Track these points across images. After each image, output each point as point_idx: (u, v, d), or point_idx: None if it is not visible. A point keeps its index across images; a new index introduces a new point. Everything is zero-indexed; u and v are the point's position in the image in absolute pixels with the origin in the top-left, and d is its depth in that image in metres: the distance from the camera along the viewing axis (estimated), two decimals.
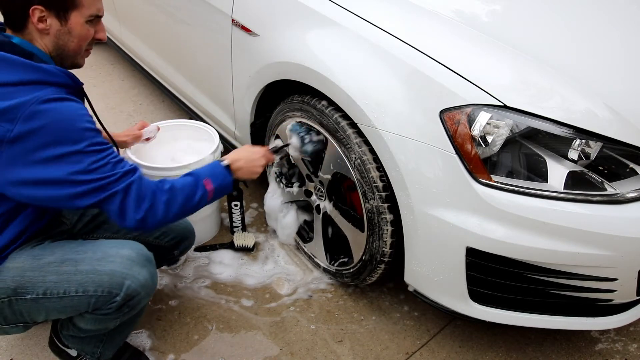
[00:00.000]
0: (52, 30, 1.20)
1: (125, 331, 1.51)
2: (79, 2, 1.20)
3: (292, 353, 1.66)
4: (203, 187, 1.34)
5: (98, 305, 1.27)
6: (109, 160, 1.18)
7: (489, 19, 1.59)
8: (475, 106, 1.29)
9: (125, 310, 1.30)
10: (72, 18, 1.20)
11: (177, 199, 1.28)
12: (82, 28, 1.23)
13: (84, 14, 1.22)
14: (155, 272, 1.36)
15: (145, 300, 1.34)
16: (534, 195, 1.28)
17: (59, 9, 1.18)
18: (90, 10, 1.23)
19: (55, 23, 1.19)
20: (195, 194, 1.31)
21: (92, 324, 1.35)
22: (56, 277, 1.25)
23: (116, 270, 1.25)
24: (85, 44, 1.27)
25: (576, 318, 1.44)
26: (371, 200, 1.52)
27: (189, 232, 1.69)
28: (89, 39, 1.27)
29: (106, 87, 3.27)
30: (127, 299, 1.27)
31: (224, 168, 1.42)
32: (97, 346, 1.48)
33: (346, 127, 1.54)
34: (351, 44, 1.49)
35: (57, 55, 1.24)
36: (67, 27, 1.21)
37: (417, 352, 1.68)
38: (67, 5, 1.19)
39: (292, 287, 1.90)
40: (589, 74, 1.43)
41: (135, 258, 1.29)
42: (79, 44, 1.25)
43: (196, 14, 2.07)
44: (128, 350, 1.59)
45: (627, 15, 1.78)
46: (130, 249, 1.31)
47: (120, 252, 1.29)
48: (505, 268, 1.35)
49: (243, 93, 1.91)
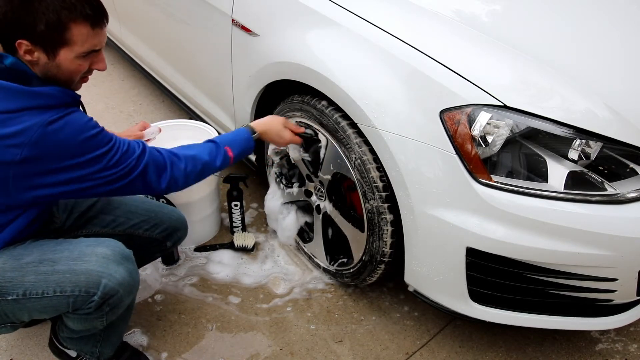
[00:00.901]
0: (41, 62, 1.15)
1: (119, 329, 1.50)
2: (70, 40, 1.13)
3: (292, 353, 1.66)
4: (224, 153, 1.44)
5: (77, 305, 1.25)
6: (121, 153, 1.22)
7: (489, 19, 1.59)
8: (476, 106, 1.29)
9: (107, 309, 1.28)
10: (61, 54, 1.14)
11: (197, 165, 1.38)
12: (72, 63, 1.17)
13: (76, 51, 1.15)
14: (135, 269, 1.33)
15: (127, 297, 1.31)
16: (534, 195, 1.28)
17: (46, 45, 1.12)
18: (83, 47, 1.16)
19: (43, 56, 1.14)
20: (215, 160, 1.42)
21: (79, 324, 1.34)
22: (34, 277, 1.23)
23: (92, 269, 1.24)
24: (78, 76, 1.22)
25: (576, 318, 1.44)
26: (371, 201, 1.52)
27: (180, 223, 1.66)
28: (82, 72, 1.21)
29: (106, 87, 3.27)
30: (105, 297, 1.24)
31: (249, 134, 1.53)
32: (95, 345, 1.48)
33: (346, 127, 1.54)
34: (351, 44, 1.49)
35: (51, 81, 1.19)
36: (55, 62, 1.15)
37: (417, 352, 1.68)
38: (55, 43, 1.13)
39: (289, 286, 1.90)
40: (589, 74, 1.43)
41: (111, 256, 1.27)
42: (70, 76, 1.20)
43: (196, 14, 2.07)
44: (128, 350, 1.59)
45: (627, 15, 1.78)
46: (106, 247, 1.28)
47: (95, 251, 1.27)
48: (505, 268, 1.35)
49: (243, 93, 1.91)
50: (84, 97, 1.28)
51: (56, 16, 1.10)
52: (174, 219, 1.64)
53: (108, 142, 1.20)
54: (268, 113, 1.90)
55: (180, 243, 1.72)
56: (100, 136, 1.19)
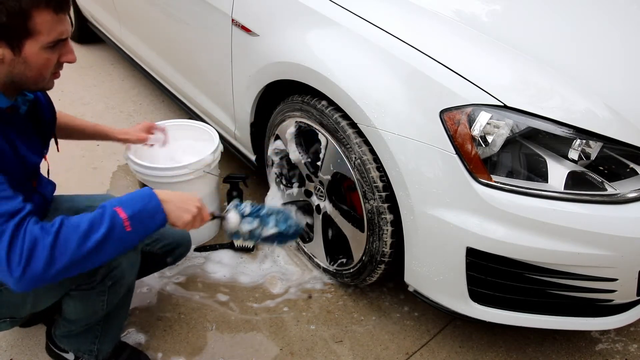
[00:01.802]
0: (6, 60, 1.07)
1: (117, 319, 1.49)
2: (34, 30, 1.05)
3: (292, 353, 1.66)
4: (113, 215, 1.09)
5: (80, 280, 1.23)
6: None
7: (489, 19, 1.59)
8: (476, 106, 1.29)
9: (109, 283, 1.26)
10: (26, 47, 1.06)
11: (70, 238, 1.05)
12: (39, 57, 1.09)
13: (42, 41, 1.07)
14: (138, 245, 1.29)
15: (129, 272, 1.29)
16: (534, 195, 1.28)
17: (10, 39, 1.04)
18: (50, 37, 1.07)
19: (8, 53, 1.06)
20: (99, 227, 1.07)
21: (80, 307, 1.32)
22: None
23: None
24: (47, 71, 1.13)
25: (576, 318, 1.44)
26: (371, 201, 1.52)
27: (183, 239, 1.62)
28: (51, 66, 1.13)
29: (106, 87, 3.27)
30: (109, 268, 1.23)
31: (151, 191, 1.18)
32: (93, 342, 1.46)
33: (346, 127, 1.54)
34: (351, 44, 1.49)
35: (16, 82, 1.12)
36: (21, 56, 1.07)
37: (417, 353, 1.68)
38: (19, 34, 1.04)
39: (285, 286, 1.90)
40: (589, 74, 1.43)
41: None
42: (38, 72, 1.11)
43: (196, 14, 2.07)
44: (127, 349, 1.58)
45: (627, 15, 1.78)
46: None
47: None
48: (505, 268, 1.35)
49: (243, 93, 1.91)
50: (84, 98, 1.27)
51: (17, 4, 1.02)
52: (178, 235, 1.60)
53: None
54: (268, 113, 1.90)
55: (181, 259, 1.69)
56: None
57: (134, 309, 1.78)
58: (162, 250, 1.57)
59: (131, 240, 1.13)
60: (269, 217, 1.38)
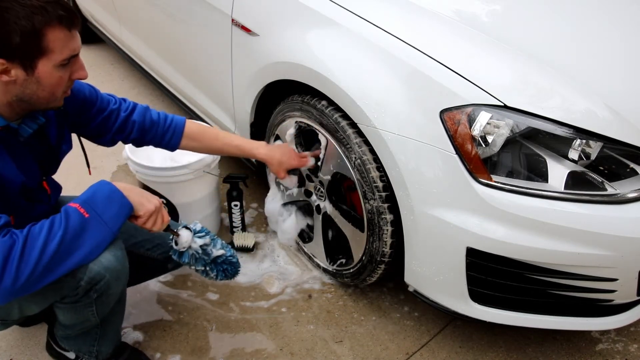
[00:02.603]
0: (19, 80, 1.06)
1: (115, 324, 1.48)
2: (47, 48, 1.04)
3: (292, 353, 1.66)
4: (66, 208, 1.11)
5: (65, 292, 1.22)
6: None
7: (489, 18, 1.59)
8: (476, 106, 1.29)
9: (94, 295, 1.25)
10: (39, 67, 1.06)
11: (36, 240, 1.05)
12: (52, 76, 1.08)
13: (55, 59, 1.07)
14: (122, 255, 1.26)
15: (116, 284, 1.27)
16: (534, 195, 1.28)
17: (23, 58, 1.04)
18: (63, 54, 1.07)
19: (21, 73, 1.05)
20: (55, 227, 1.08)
21: (70, 316, 1.32)
22: None
23: None
24: (60, 90, 1.13)
25: (576, 318, 1.44)
26: (371, 201, 1.52)
27: None
28: (63, 84, 1.12)
29: (106, 87, 3.27)
30: (91, 282, 1.21)
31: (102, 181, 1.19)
32: (92, 344, 1.47)
33: (346, 127, 1.53)
34: (351, 43, 1.49)
35: (26, 102, 1.11)
36: (34, 76, 1.06)
37: (417, 353, 1.68)
38: (32, 54, 1.04)
39: (282, 286, 1.90)
40: (589, 74, 1.43)
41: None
42: (51, 91, 1.11)
43: (196, 14, 2.07)
44: (127, 349, 1.58)
45: (627, 15, 1.78)
46: None
47: None
48: (506, 268, 1.35)
49: (243, 93, 1.91)
50: None
51: (30, 23, 1.01)
52: None
53: None
54: (268, 113, 1.90)
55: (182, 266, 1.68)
56: None
57: (133, 309, 1.78)
58: (162, 257, 1.56)
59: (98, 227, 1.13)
60: (216, 239, 1.41)
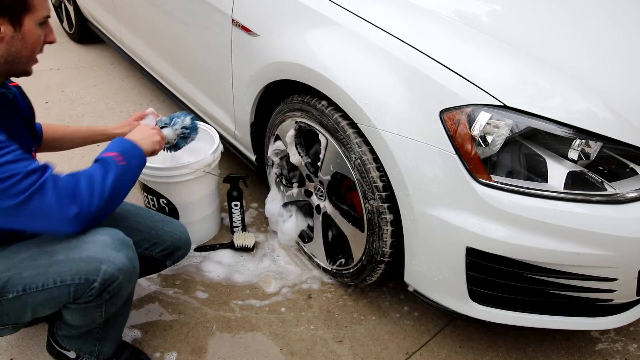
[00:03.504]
0: (7, 37, 1.14)
1: (118, 325, 1.50)
2: (32, 5, 1.15)
3: (292, 353, 1.66)
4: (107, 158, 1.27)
5: (78, 294, 1.24)
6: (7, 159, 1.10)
7: (489, 19, 1.60)
8: (475, 106, 1.29)
9: (107, 297, 1.27)
10: (26, 23, 1.15)
11: (92, 179, 1.20)
12: (34, 33, 1.18)
13: (37, 17, 1.17)
14: (134, 255, 1.31)
15: (127, 285, 1.30)
16: (534, 195, 1.28)
17: (13, 14, 1.12)
18: (42, 12, 1.18)
19: (10, 30, 1.14)
20: (106, 168, 1.24)
21: (78, 317, 1.33)
22: (32, 271, 1.22)
23: (91, 255, 1.22)
24: (37, 50, 1.22)
25: (576, 318, 1.44)
26: (371, 200, 1.52)
27: (182, 242, 1.61)
28: (41, 44, 1.22)
29: (106, 87, 3.27)
30: (105, 284, 1.24)
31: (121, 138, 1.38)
32: (93, 344, 1.47)
33: (346, 127, 1.54)
34: (351, 44, 1.49)
35: (9, 63, 1.18)
36: (21, 32, 1.15)
37: (417, 352, 1.68)
38: (20, 9, 1.13)
39: (279, 285, 1.90)
40: (589, 73, 1.43)
41: (110, 242, 1.25)
42: (32, 49, 1.20)
43: (196, 14, 2.07)
44: (128, 349, 1.58)
45: (627, 15, 1.78)
46: (105, 234, 1.27)
47: (94, 238, 1.25)
48: (505, 268, 1.35)
49: (243, 93, 1.91)
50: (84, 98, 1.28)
51: None
52: (176, 237, 1.58)
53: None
54: (268, 113, 1.90)
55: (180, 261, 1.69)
56: None
57: (134, 309, 1.78)
58: (161, 255, 1.57)
59: (130, 172, 1.30)
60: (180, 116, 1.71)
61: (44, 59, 1.47)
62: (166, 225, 1.58)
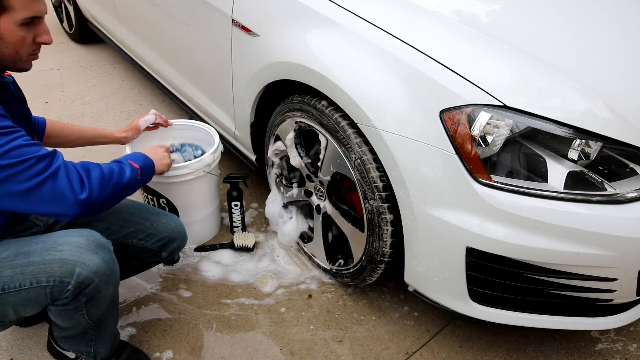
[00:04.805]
0: None
1: (109, 326, 1.48)
2: (7, 5, 1.10)
3: (292, 353, 1.66)
4: (130, 165, 1.34)
5: (54, 296, 1.23)
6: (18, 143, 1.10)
7: (489, 19, 1.59)
8: (475, 106, 1.29)
9: (83, 299, 1.25)
10: (2, 22, 1.11)
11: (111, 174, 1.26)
12: (14, 34, 1.14)
13: (16, 17, 1.12)
14: (111, 258, 1.29)
15: (105, 288, 1.28)
16: (534, 195, 1.28)
17: None
18: (23, 13, 1.13)
19: None
20: (124, 171, 1.31)
21: (62, 319, 1.32)
22: (11, 271, 1.22)
23: (65, 258, 1.21)
24: (24, 50, 1.18)
25: (576, 318, 1.44)
26: (371, 201, 1.52)
27: (177, 233, 1.60)
28: (27, 45, 1.18)
29: (106, 87, 3.27)
30: (80, 287, 1.22)
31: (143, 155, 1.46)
32: (89, 345, 1.47)
33: (346, 127, 1.54)
34: (351, 43, 1.49)
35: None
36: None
37: (417, 352, 1.68)
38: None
39: (275, 285, 1.90)
40: (589, 74, 1.43)
41: (85, 245, 1.24)
42: (14, 49, 1.17)
43: (196, 14, 2.07)
44: (127, 349, 1.58)
45: (627, 15, 1.78)
46: (79, 236, 1.26)
47: (69, 240, 1.24)
48: (505, 268, 1.35)
49: (243, 93, 1.91)
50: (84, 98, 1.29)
51: None
52: (171, 228, 1.58)
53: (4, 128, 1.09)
54: (268, 113, 1.90)
55: (177, 253, 1.68)
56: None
57: (134, 308, 1.78)
58: (156, 246, 1.56)
59: (137, 185, 1.36)
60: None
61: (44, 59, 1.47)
62: (161, 217, 1.59)
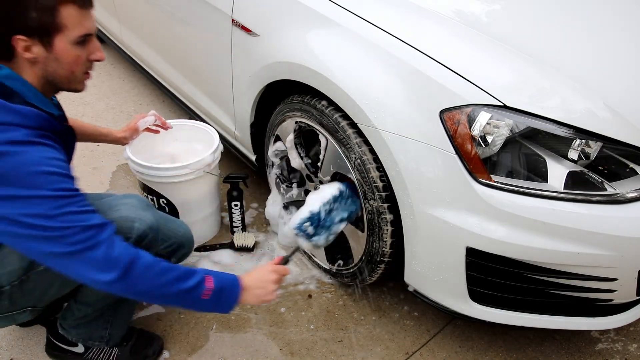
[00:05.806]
0: (40, 58, 1.12)
1: (128, 306, 1.52)
2: (61, 24, 1.10)
3: (292, 353, 1.66)
4: (202, 278, 1.23)
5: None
6: (76, 208, 1.09)
7: (489, 18, 1.60)
8: (475, 106, 1.29)
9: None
10: (56, 43, 1.11)
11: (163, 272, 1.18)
12: (69, 53, 1.14)
13: (70, 36, 1.12)
14: (158, 214, 1.43)
15: (154, 244, 1.37)
16: (534, 195, 1.28)
17: (41, 35, 1.10)
18: (77, 31, 1.13)
19: (41, 50, 1.11)
20: (189, 279, 1.20)
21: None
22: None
23: (125, 215, 1.31)
24: (78, 69, 1.19)
25: (576, 318, 1.44)
26: (371, 201, 1.52)
27: (186, 239, 1.61)
28: (81, 63, 1.18)
29: (106, 87, 3.27)
30: (139, 240, 1.31)
31: (236, 282, 1.30)
32: (105, 327, 1.49)
33: (346, 127, 1.54)
34: (351, 43, 1.49)
35: (49, 83, 1.17)
36: (53, 53, 1.12)
37: (417, 352, 1.68)
38: (48, 30, 1.09)
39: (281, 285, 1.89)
40: (589, 74, 1.43)
41: (138, 204, 1.38)
42: (69, 69, 1.17)
43: (196, 14, 2.07)
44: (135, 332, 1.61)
45: (627, 16, 1.78)
46: (132, 198, 1.41)
47: (124, 201, 1.38)
48: (505, 268, 1.35)
49: (243, 93, 1.91)
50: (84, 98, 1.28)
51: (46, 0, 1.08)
52: (180, 234, 1.58)
53: (64, 190, 1.08)
54: (268, 113, 1.90)
55: (185, 259, 1.69)
56: (56, 178, 1.08)
57: None
58: (166, 251, 1.56)
59: (197, 306, 1.25)
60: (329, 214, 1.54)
61: None
62: (168, 222, 1.59)
